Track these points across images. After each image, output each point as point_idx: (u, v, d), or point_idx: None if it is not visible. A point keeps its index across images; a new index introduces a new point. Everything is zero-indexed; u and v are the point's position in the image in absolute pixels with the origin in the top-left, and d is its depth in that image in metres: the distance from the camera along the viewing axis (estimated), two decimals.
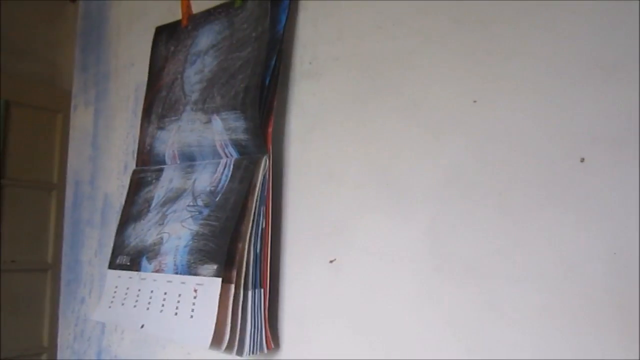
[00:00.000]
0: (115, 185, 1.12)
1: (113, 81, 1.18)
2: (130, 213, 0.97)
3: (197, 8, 0.98)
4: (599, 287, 0.54)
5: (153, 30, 1.08)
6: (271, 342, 0.77)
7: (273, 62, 0.79)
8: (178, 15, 1.03)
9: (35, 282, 2.16)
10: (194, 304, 0.76)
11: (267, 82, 0.78)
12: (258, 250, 0.76)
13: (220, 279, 0.73)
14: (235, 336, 0.72)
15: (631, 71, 0.54)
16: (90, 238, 1.16)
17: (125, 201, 1.00)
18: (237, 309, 0.72)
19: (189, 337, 0.75)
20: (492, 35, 0.64)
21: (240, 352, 0.73)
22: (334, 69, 0.78)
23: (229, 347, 0.72)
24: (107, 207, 1.14)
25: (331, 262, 0.75)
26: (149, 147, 0.99)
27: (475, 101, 0.64)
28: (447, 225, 0.65)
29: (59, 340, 1.22)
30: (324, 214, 0.76)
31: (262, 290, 0.76)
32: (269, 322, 0.77)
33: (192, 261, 0.79)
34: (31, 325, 2.12)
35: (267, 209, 0.77)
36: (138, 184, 0.99)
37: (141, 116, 1.03)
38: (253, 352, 0.74)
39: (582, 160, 0.56)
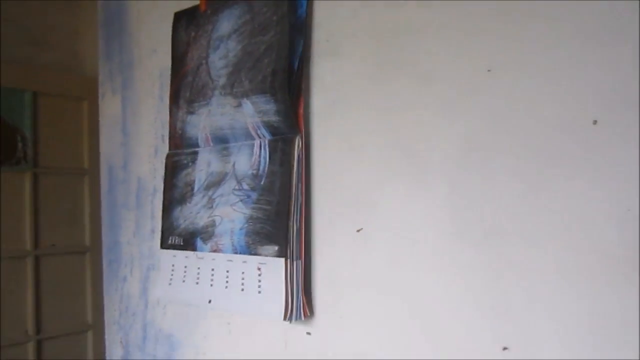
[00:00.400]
0: (147, 169, 1.17)
1: (137, 69, 1.22)
2: (173, 196, 1.02)
3: None
4: (614, 244, 0.57)
5: (172, 16, 1.12)
6: (307, 310, 0.82)
7: (299, 46, 0.82)
8: (195, 1, 1.06)
9: (75, 264, 2.26)
10: (259, 281, 0.83)
11: (295, 65, 0.82)
12: (298, 225, 0.81)
13: (283, 259, 0.80)
14: (289, 305, 0.78)
15: None
16: (127, 220, 1.23)
17: (165, 185, 1.06)
18: (292, 281, 0.78)
19: (261, 311, 0.83)
20: (502, 4, 0.66)
21: (290, 318, 0.79)
22: (351, 45, 0.81)
23: (286, 315, 0.78)
24: (141, 190, 1.19)
25: (358, 231, 0.79)
26: (180, 131, 1.03)
27: (489, 70, 0.67)
28: (466, 192, 0.68)
29: (105, 317, 1.29)
30: (348, 186, 0.80)
31: (301, 261, 0.81)
32: (304, 291, 0.82)
33: (250, 242, 0.85)
34: (75, 305, 2.23)
35: (302, 185, 0.82)
36: (174, 167, 1.04)
37: (169, 102, 1.08)
38: (297, 319, 0.80)
39: (595, 122, 0.58)
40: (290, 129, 0.83)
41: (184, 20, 1.07)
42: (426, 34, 0.72)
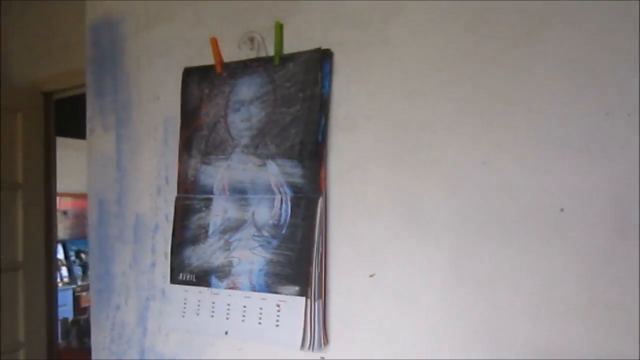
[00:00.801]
0: (148, 207, 1.27)
1: (136, 110, 1.30)
2: (185, 236, 1.14)
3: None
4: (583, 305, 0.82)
5: (176, 69, 1.23)
6: (326, 339, 1.00)
7: (322, 121, 0.99)
8: (201, 59, 1.18)
9: (8, 281, 2.19)
10: (278, 316, 0.98)
11: (319, 137, 0.99)
12: (318, 270, 0.98)
13: (304, 298, 0.96)
14: (308, 337, 0.95)
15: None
16: (122, 252, 1.31)
17: (175, 225, 1.17)
18: (312, 316, 0.95)
19: (278, 341, 0.98)
20: (498, 112, 0.89)
21: (311, 348, 0.96)
22: (366, 125, 1.00)
23: (304, 346, 0.95)
24: (139, 225, 1.28)
25: (371, 276, 0.98)
26: (192, 178, 1.15)
27: (484, 163, 0.90)
28: (463, 252, 0.91)
29: (92, 343, 1.36)
30: (362, 240, 0.99)
31: (321, 300, 0.99)
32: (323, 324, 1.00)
33: (270, 282, 1.00)
34: (7, 323, 2.17)
35: (322, 237, 0.99)
36: (186, 210, 1.16)
37: (179, 149, 1.19)
38: (316, 348, 0.98)
39: (562, 210, 0.83)
40: (313, 190, 1.00)
41: (195, 76, 1.19)
42: (433, 127, 0.94)
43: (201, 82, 1.17)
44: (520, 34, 0.87)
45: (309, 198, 1.00)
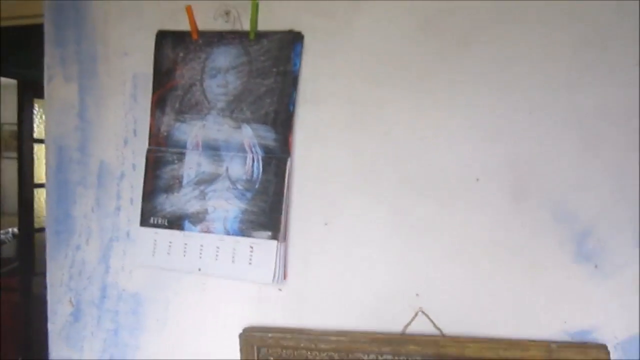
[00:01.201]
0: (113, 155, 1.36)
1: (103, 64, 1.37)
2: (158, 185, 1.27)
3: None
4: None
5: (147, 29, 1.31)
6: (285, 274, 1.22)
7: (293, 94, 1.18)
8: (174, 24, 1.29)
9: None
10: (251, 256, 1.17)
11: (290, 108, 1.17)
12: (285, 219, 1.18)
13: (276, 241, 1.16)
14: (277, 272, 1.16)
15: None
16: (84, 197, 1.40)
17: (146, 174, 1.29)
18: (280, 256, 1.16)
19: (250, 276, 1.17)
20: (438, 99, 1.13)
21: (276, 281, 1.18)
22: (329, 100, 1.20)
23: (274, 280, 1.16)
24: (104, 172, 1.38)
25: (325, 224, 1.21)
26: (165, 133, 1.28)
27: (423, 139, 1.15)
28: (400, 208, 1.16)
29: (48, 280, 1.44)
30: (320, 195, 1.21)
31: (284, 243, 1.20)
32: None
33: (244, 228, 1.18)
34: None
35: (288, 192, 1.19)
36: (157, 161, 1.28)
37: (151, 105, 1.30)
38: (280, 280, 1.19)
39: (477, 180, 1.11)
40: (282, 152, 1.19)
41: (169, 39, 1.29)
42: (386, 105, 1.16)
43: (176, 46, 1.28)
44: (461, 36, 1.11)
45: (279, 158, 1.19)
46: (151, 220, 1.28)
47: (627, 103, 1.05)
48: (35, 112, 3.21)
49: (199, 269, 1.24)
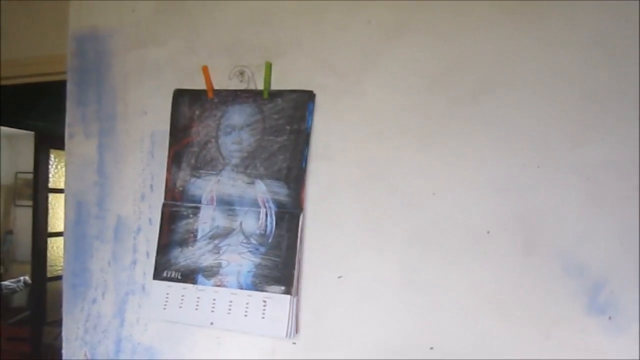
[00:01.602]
0: (130, 210, 1.40)
1: (122, 122, 1.43)
2: (172, 239, 1.30)
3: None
4: None
5: (165, 89, 1.38)
6: (298, 328, 1.23)
7: (306, 151, 1.22)
8: (191, 84, 1.35)
9: None
10: (264, 310, 1.18)
11: (303, 164, 1.21)
12: (298, 273, 1.20)
13: (289, 296, 1.18)
14: (290, 326, 1.17)
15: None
16: (101, 250, 1.43)
17: (162, 228, 1.32)
18: (293, 310, 1.17)
19: (264, 331, 1.18)
20: (446, 155, 1.17)
21: (288, 335, 1.18)
22: (340, 156, 1.24)
23: (287, 335, 1.17)
24: (121, 226, 1.41)
25: (339, 278, 1.22)
26: (181, 188, 1.32)
27: (434, 193, 1.17)
28: (412, 262, 1.18)
29: (64, 334, 1.46)
30: (333, 249, 1.23)
31: (297, 297, 1.21)
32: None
33: (257, 282, 1.20)
34: None
35: (301, 246, 1.21)
36: (173, 215, 1.32)
37: (168, 161, 1.34)
38: (292, 335, 1.20)
39: (488, 232, 1.13)
40: (295, 207, 1.22)
41: (186, 97, 1.35)
42: (396, 161, 1.20)
43: (192, 104, 1.34)
44: (468, 94, 1.16)
45: (292, 213, 1.22)
46: (164, 274, 1.31)
47: (630, 156, 1.08)
48: (51, 162, 3.29)
49: (212, 323, 1.25)
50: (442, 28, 1.18)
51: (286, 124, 1.24)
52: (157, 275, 1.32)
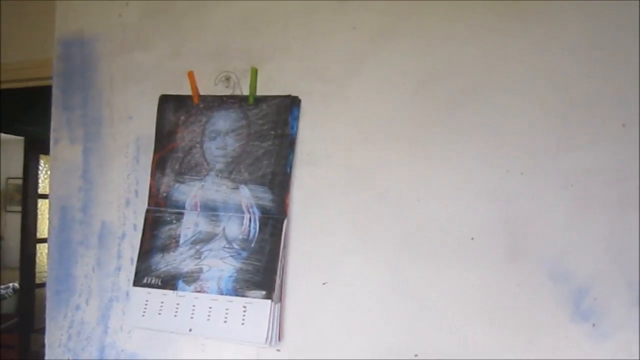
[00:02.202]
0: (115, 216, 1.39)
1: (107, 127, 1.42)
2: (154, 245, 1.29)
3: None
4: None
5: (151, 94, 1.38)
6: (281, 335, 1.21)
7: (291, 156, 1.21)
8: (176, 89, 1.34)
9: None
10: (244, 316, 1.17)
11: (287, 170, 1.20)
12: (280, 279, 1.19)
13: (270, 301, 1.17)
14: (270, 333, 1.16)
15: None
16: (86, 256, 1.41)
17: (144, 234, 1.31)
18: (274, 316, 1.16)
19: (243, 337, 1.17)
20: (430, 161, 1.16)
21: (270, 342, 1.17)
22: (327, 162, 1.23)
23: (267, 341, 1.15)
24: (105, 232, 1.40)
25: (324, 284, 1.22)
26: (164, 194, 1.31)
27: (418, 200, 1.17)
28: (398, 268, 1.17)
29: (47, 340, 1.44)
30: (318, 255, 1.22)
31: (280, 303, 1.20)
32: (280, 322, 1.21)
33: (238, 287, 1.19)
34: None
35: (285, 252, 1.20)
36: (156, 221, 1.30)
37: (152, 166, 1.33)
38: (274, 343, 1.19)
39: (473, 239, 1.13)
40: (279, 212, 1.22)
41: (172, 103, 1.34)
42: (382, 168, 1.19)
43: (177, 110, 1.33)
44: (454, 99, 1.16)
45: (275, 219, 1.21)
46: (145, 280, 1.29)
47: (616, 163, 1.08)
48: (40, 168, 3.27)
49: (190, 330, 1.23)
50: (428, 33, 1.18)
51: (271, 129, 1.24)
52: (138, 281, 1.30)
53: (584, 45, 1.09)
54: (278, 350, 1.24)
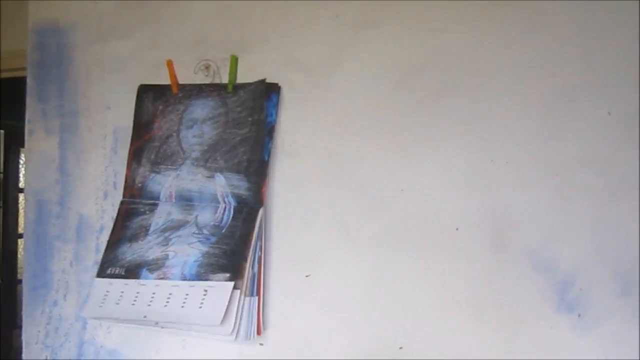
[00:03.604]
0: (93, 209, 1.35)
1: (84, 118, 1.38)
2: (123, 235, 1.25)
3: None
4: None
5: (129, 84, 1.34)
6: (262, 329, 1.19)
7: (269, 144, 1.18)
8: (155, 79, 1.31)
9: None
10: (203, 300, 1.13)
11: (265, 158, 1.18)
12: (255, 270, 1.16)
13: (232, 283, 1.13)
14: (238, 326, 1.13)
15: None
16: (63, 251, 1.38)
17: (115, 225, 1.28)
18: (241, 308, 1.13)
19: (199, 319, 1.12)
20: (414, 151, 1.14)
21: (237, 337, 1.14)
22: (308, 152, 1.21)
23: (233, 333, 1.12)
24: (83, 226, 1.36)
25: (307, 277, 1.19)
26: (140, 185, 1.28)
27: (402, 190, 1.15)
28: (380, 260, 1.15)
29: (24, 337, 1.40)
30: (300, 247, 1.20)
31: (257, 297, 1.18)
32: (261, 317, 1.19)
33: (202, 272, 1.16)
34: None
35: (262, 243, 1.18)
36: (128, 213, 1.27)
37: (128, 157, 1.30)
38: (248, 338, 1.16)
39: (457, 229, 1.11)
40: (255, 202, 1.19)
41: (151, 93, 1.31)
42: (364, 159, 1.17)
43: (156, 99, 1.30)
44: (436, 90, 1.14)
45: (250, 207, 1.19)
46: (108, 271, 1.24)
47: (601, 152, 1.06)
48: (21, 162, 3.20)
49: (145, 317, 1.18)
50: (411, 23, 1.16)
51: (248, 115, 1.21)
52: (101, 273, 1.25)
53: (569, 33, 1.07)
54: (261, 345, 1.21)
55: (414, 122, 1.14)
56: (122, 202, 1.29)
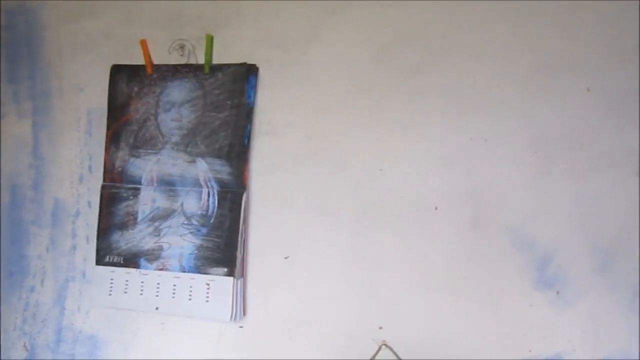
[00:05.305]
0: (68, 193, 1.33)
1: (57, 100, 1.34)
2: (112, 222, 1.23)
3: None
4: None
5: (102, 64, 1.30)
6: (245, 310, 1.18)
7: (248, 127, 1.16)
8: (129, 59, 1.28)
9: None
10: (207, 294, 1.13)
11: (245, 141, 1.16)
12: (242, 254, 1.15)
13: (232, 278, 1.13)
14: (234, 310, 1.13)
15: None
16: (39, 236, 1.35)
17: (101, 211, 1.25)
18: (236, 293, 1.12)
19: (208, 314, 1.14)
20: (393, 129, 1.13)
21: (234, 318, 1.14)
22: (286, 131, 1.19)
23: (232, 318, 1.12)
24: (59, 210, 1.34)
25: (286, 258, 1.18)
26: (120, 169, 1.25)
27: (380, 169, 1.13)
28: (360, 238, 1.14)
29: (1, 324, 1.38)
30: (279, 228, 1.18)
31: (242, 279, 1.17)
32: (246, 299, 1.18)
33: (199, 265, 1.15)
34: None
35: (245, 226, 1.16)
36: (112, 198, 1.25)
37: (106, 140, 1.27)
38: (238, 318, 1.15)
39: (436, 208, 1.10)
40: (238, 185, 1.17)
41: (124, 74, 1.27)
42: (343, 137, 1.15)
43: (130, 80, 1.26)
44: (414, 66, 1.12)
45: (234, 192, 1.17)
46: (107, 259, 1.24)
47: (580, 128, 1.05)
48: None
49: (157, 308, 1.20)
50: None
51: (227, 98, 1.18)
52: (100, 260, 1.25)
53: (547, 8, 1.06)
54: (240, 327, 1.20)
55: (392, 99, 1.13)
56: (103, 187, 1.27)
